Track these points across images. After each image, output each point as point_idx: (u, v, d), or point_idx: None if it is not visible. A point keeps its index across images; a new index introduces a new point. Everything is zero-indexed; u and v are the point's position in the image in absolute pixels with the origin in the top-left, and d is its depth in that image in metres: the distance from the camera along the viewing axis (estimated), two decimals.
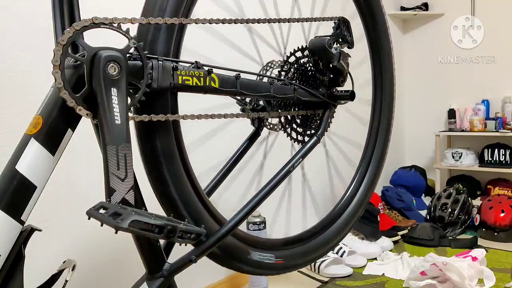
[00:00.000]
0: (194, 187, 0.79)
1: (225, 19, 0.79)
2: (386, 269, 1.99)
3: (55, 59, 0.60)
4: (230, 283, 1.82)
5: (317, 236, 1.06)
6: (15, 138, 0.65)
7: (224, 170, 1.03)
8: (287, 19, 0.93)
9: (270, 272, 0.96)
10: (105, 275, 1.37)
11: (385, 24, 1.19)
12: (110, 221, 0.57)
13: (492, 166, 2.99)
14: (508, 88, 3.05)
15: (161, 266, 0.76)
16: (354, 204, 1.15)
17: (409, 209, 2.75)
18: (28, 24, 1.17)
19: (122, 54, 0.64)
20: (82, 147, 1.08)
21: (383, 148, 1.22)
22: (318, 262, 1.96)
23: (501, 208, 2.43)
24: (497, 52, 3.06)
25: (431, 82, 3.39)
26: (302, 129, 1.01)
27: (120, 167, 0.63)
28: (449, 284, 1.60)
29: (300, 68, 0.99)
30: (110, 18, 0.64)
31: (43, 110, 0.64)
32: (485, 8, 3.10)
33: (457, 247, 2.25)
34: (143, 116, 0.68)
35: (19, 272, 0.63)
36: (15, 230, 0.61)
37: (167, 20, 0.71)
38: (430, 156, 3.37)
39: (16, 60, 1.15)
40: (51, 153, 0.63)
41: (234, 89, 0.79)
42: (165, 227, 0.61)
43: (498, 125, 2.95)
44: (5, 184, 0.60)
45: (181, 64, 0.73)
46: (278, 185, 0.89)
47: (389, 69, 1.22)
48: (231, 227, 0.80)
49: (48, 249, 1.19)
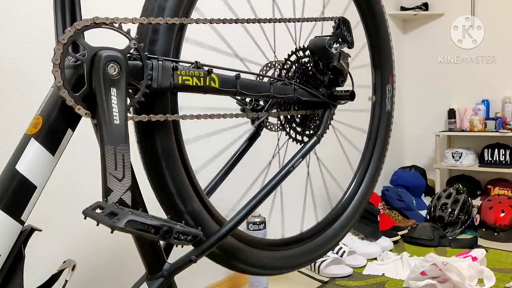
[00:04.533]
0: (194, 187, 0.79)
1: (225, 19, 0.79)
2: (386, 269, 1.99)
3: (55, 58, 0.59)
4: (230, 283, 1.82)
5: (317, 236, 1.07)
6: (15, 138, 0.65)
7: (224, 170, 1.03)
8: (287, 19, 0.93)
9: (270, 272, 0.95)
10: (105, 275, 1.37)
11: (385, 24, 1.19)
12: (106, 220, 0.57)
13: (492, 166, 2.99)
14: (508, 88, 3.05)
15: (161, 266, 0.76)
16: (354, 204, 1.15)
17: (409, 209, 2.75)
18: (29, 24, 1.17)
19: (123, 54, 0.64)
20: (83, 147, 1.08)
21: (382, 148, 1.22)
22: (318, 262, 1.96)
23: (501, 208, 2.43)
24: (497, 52, 3.05)
25: (431, 82, 3.39)
26: (302, 129, 1.01)
27: (118, 168, 0.63)
28: (449, 284, 1.60)
29: (300, 68, 0.99)
30: (111, 18, 0.64)
31: (43, 110, 0.64)
32: (485, 8, 3.10)
33: (457, 247, 2.25)
34: (142, 116, 0.68)
35: (19, 272, 0.63)
36: (15, 230, 0.61)
37: (168, 20, 0.71)
38: (430, 156, 3.37)
39: (16, 60, 1.15)
40: (51, 153, 0.63)
41: (234, 89, 0.79)
42: (161, 228, 0.61)
43: (498, 125, 2.94)
44: (5, 184, 0.60)
45: (181, 64, 0.73)
46: (278, 185, 0.89)
47: (389, 68, 1.22)
48: (231, 227, 0.80)
49: (48, 249, 1.19)
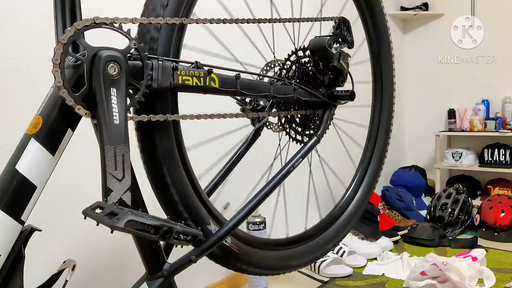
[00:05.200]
0: (194, 187, 0.79)
1: (225, 19, 0.79)
2: (386, 269, 1.99)
3: (55, 58, 0.59)
4: (230, 283, 1.82)
5: (317, 236, 1.07)
6: (15, 138, 0.65)
7: (224, 170, 1.03)
8: (287, 19, 0.93)
9: (270, 272, 0.95)
10: (105, 275, 1.37)
11: (385, 24, 1.19)
12: (106, 220, 0.56)
13: (492, 166, 2.99)
14: (508, 88, 3.05)
15: (161, 266, 0.76)
16: (354, 204, 1.15)
17: (409, 209, 2.75)
18: (29, 24, 1.17)
19: (123, 54, 0.64)
20: (83, 147, 1.08)
21: (383, 148, 1.22)
22: (318, 262, 1.96)
23: (501, 208, 2.43)
24: (497, 52, 3.06)
25: (431, 82, 3.39)
26: (302, 129, 1.01)
27: (118, 168, 0.63)
28: (449, 284, 1.60)
29: (300, 68, 0.99)
30: (112, 18, 0.64)
31: (43, 110, 0.64)
32: (485, 8, 3.10)
33: (457, 247, 2.25)
34: (142, 116, 0.68)
35: (19, 272, 0.63)
36: (15, 230, 0.61)
37: (168, 20, 0.71)
38: (430, 156, 3.37)
39: (16, 60, 1.15)
40: (51, 153, 0.63)
41: (234, 89, 0.79)
42: (161, 228, 0.61)
43: (498, 125, 2.95)
44: (5, 184, 0.60)
45: (181, 64, 0.73)
46: (278, 185, 0.89)
47: (389, 69, 1.22)
48: (231, 227, 0.80)
49: (48, 249, 1.19)
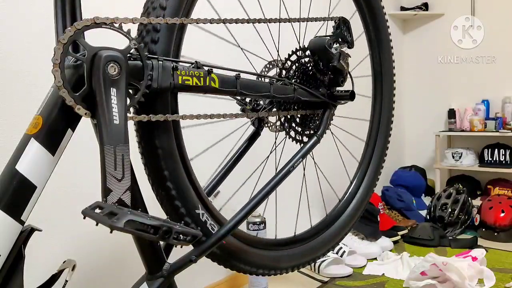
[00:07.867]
0: (194, 187, 0.79)
1: (225, 19, 0.79)
2: (386, 269, 1.98)
3: (55, 57, 0.59)
4: (230, 283, 1.82)
5: (317, 236, 1.07)
6: (15, 138, 0.65)
7: (224, 170, 1.03)
8: (288, 19, 0.93)
9: (270, 272, 0.95)
10: (105, 275, 1.37)
11: (385, 24, 1.19)
12: (105, 220, 0.56)
13: (492, 166, 2.99)
14: (508, 88, 3.05)
15: (161, 266, 0.76)
16: (354, 204, 1.15)
17: (409, 209, 2.75)
18: (29, 23, 1.17)
19: (123, 54, 0.64)
20: (83, 147, 1.08)
21: (383, 148, 1.22)
22: (318, 262, 1.96)
23: (501, 208, 2.43)
24: (497, 52, 3.05)
25: (431, 82, 3.39)
26: (302, 129, 1.01)
27: (117, 168, 0.63)
28: (449, 284, 1.60)
29: (300, 68, 0.99)
30: (112, 18, 0.64)
31: (43, 110, 0.64)
32: (485, 8, 3.10)
33: (457, 247, 2.25)
34: (142, 116, 0.68)
35: (19, 272, 0.63)
36: (15, 230, 0.61)
37: (168, 20, 0.71)
38: (430, 156, 3.37)
39: (16, 60, 1.15)
40: (51, 153, 0.63)
41: (234, 89, 0.79)
42: (160, 228, 0.61)
43: (498, 125, 2.95)
44: (5, 184, 0.60)
45: (181, 64, 0.73)
46: (278, 185, 0.89)
47: (389, 68, 1.22)
48: (231, 227, 0.80)
49: (48, 249, 1.19)
